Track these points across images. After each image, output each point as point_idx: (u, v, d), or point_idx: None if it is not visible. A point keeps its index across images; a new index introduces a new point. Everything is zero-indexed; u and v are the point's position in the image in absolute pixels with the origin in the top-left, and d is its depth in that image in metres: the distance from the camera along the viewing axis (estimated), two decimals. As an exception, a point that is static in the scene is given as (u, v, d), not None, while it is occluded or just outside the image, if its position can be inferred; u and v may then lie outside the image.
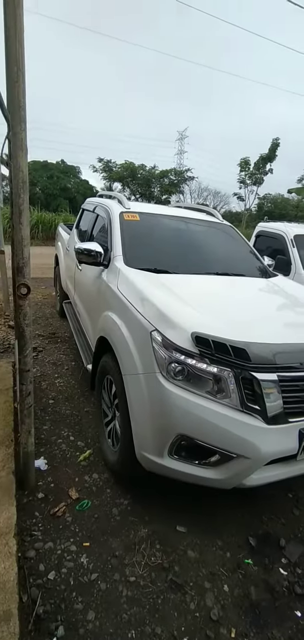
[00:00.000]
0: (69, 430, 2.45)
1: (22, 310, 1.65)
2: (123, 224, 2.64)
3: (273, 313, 2.16)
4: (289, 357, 1.60)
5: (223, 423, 1.50)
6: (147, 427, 1.66)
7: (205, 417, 1.51)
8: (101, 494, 1.93)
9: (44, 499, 1.85)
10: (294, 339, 1.73)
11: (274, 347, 1.59)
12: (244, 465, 1.54)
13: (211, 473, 1.60)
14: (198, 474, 1.62)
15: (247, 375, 1.52)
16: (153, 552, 1.64)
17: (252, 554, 1.71)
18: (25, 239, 1.57)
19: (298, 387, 1.61)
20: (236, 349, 1.51)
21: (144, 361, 1.69)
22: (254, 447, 1.50)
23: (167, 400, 1.55)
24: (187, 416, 1.53)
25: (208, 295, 2.17)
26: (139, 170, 19.20)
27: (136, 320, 1.81)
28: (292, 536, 1.84)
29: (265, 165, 19.70)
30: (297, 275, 4.00)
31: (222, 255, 2.94)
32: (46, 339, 4.03)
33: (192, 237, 2.98)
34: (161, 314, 1.72)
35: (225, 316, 1.86)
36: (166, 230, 2.92)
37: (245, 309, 2.11)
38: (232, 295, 2.32)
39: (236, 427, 1.50)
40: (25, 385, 1.75)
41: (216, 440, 1.53)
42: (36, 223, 13.94)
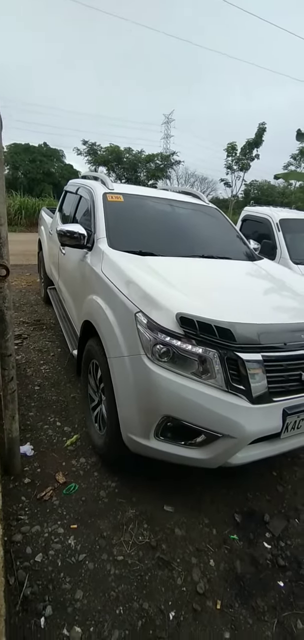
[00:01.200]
0: (56, 416, 2.42)
1: (1, 293, 1.58)
2: (107, 205, 2.58)
3: (257, 295, 2.17)
4: (273, 337, 1.62)
5: (209, 403, 1.51)
6: (133, 410, 1.65)
7: (191, 398, 1.51)
8: (88, 478, 1.93)
9: (30, 484, 1.83)
10: (278, 320, 1.77)
11: (259, 328, 1.60)
12: (229, 445, 1.55)
13: (197, 453, 1.61)
14: (184, 454, 1.63)
15: (232, 356, 1.52)
16: (141, 531, 1.66)
17: (237, 529, 1.76)
18: (2, 218, 1.50)
19: (281, 367, 1.63)
20: (221, 329, 1.51)
21: (129, 343, 1.67)
22: (239, 427, 1.51)
23: (153, 382, 1.54)
24: (173, 397, 1.52)
25: (193, 278, 2.15)
26: (125, 154, 18.76)
27: (120, 302, 1.78)
28: (276, 512, 1.90)
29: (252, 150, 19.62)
30: (282, 259, 4.04)
31: (208, 238, 2.91)
32: (31, 326, 3.93)
33: (178, 219, 2.95)
34: (145, 295, 1.69)
35: (210, 298, 1.85)
36: (150, 212, 2.87)
37: (230, 291, 2.11)
38: (217, 277, 2.30)
39: (222, 407, 1.51)
40: (8, 370, 1.70)
41: (202, 420, 1.53)
42: (19, 208, 13.47)
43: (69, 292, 2.98)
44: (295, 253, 4.03)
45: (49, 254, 4.09)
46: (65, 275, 3.13)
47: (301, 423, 1.68)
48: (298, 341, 1.66)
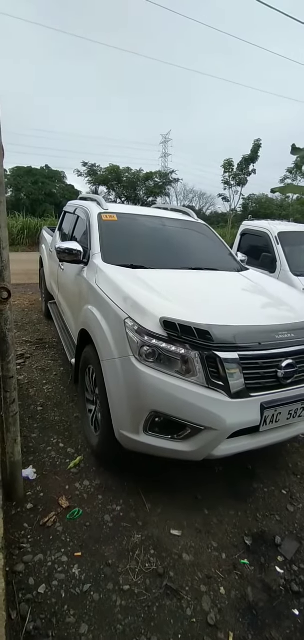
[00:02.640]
0: (59, 437, 2.38)
1: (3, 315, 1.59)
2: (101, 224, 2.77)
3: (238, 301, 2.33)
4: (249, 338, 1.76)
5: (191, 399, 1.63)
6: (124, 407, 1.77)
7: (175, 394, 1.64)
8: (92, 501, 1.87)
9: (33, 510, 1.78)
10: (253, 322, 1.91)
11: (235, 329, 1.75)
12: (211, 437, 1.67)
13: (183, 446, 1.72)
14: (171, 447, 1.74)
15: (211, 355, 1.65)
16: (147, 558, 1.60)
17: (248, 553, 1.69)
18: (3, 241, 1.52)
19: (257, 365, 1.75)
20: (200, 331, 1.64)
21: (119, 347, 1.81)
22: (220, 420, 1.64)
23: (141, 380, 1.67)
24: (159, 394, 1.65)
25: (180, 287, 2.27)
26: (124, 173, 19.23)
27: (111, 310, 1.93)
28: (287, 533, 1.83)
29: (248, 166, 20.04)
30: (282, 272, 4.05)
31: (196, 252, 3.09)
32: (34, 345, 3.93)
33: (168, 235, 3.13)
34: (133, 303, 1.84)
35: (193, 304, 1.98)
36: (142, 229, 3.05)
37: (213, 298, 2.25)
38: (202, 286, 2.43)
39: (203, 402, 1.63)
40: (10, 392, 1.68)
41: (186, 414, 1.66)
42: (22, 229, 13.71)
43: (68, 305, 3.13)
44: (295, 265, 4.04)
45: (50, 271, 4.25)
46: (64, 289, 3.28)
47: (279, 417, 1.81)
48: (272, 341, 1.80)
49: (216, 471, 2.22)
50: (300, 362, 1.87)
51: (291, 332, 1.88)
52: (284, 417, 1.84)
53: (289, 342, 1.84)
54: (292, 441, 2.59)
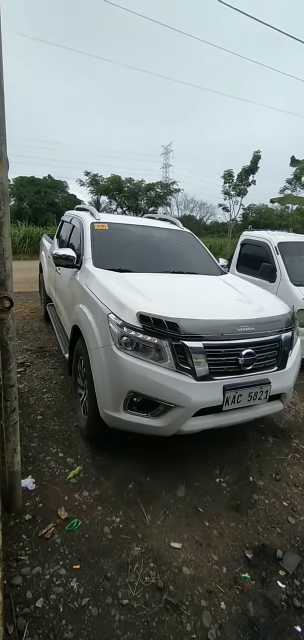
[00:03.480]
0: (58, 446, 2.37)
1: (5, 324, 1.60)
2: (93, 232, 3.05)
3: (209, 299, 2.61)
4: (212, 330, 2.05)
5: (163, 381, 1.92)
6: (107, 388, 2.04)
7: (149, 377, 1.92)
8: (91, 512, 1.86)
9: (31, 521, 1.76)
10: (218, 317, 2.17)
11: (200, 322, 2.05)
12: (180, 413, 1.95)
13: (157, 422, 1.99)
14: (147, 423, 2.01)
15: (179, 344, 1.94)
16: (147, 571, 1.57)
17: (249, 567, 1.67)
18: (7, 251, 1.54)
19: (220, 353, 2.05)
20: (170, 323, 1.95)
21: (103, 337, 2.08)
22: (187, 398, 1.92)
23: (120, 365, 1.95)
24: (136, 377, 1.93)
25: (160, 288, 2.54)
26: (126, 183, 19.48)
27: (98, 307, 2.22)
28: (288, 546, 1.80)
29: (248, 177, 20.31)
30: (282, 282, 4.07)
31: (179, 257, 3.38)
32: (34, 354, 3.93)
33: (154, 242, 3.41)
34: (116, 301, 2.13)
35: (168, 302, 2.25)
36: (130, 236, 3.33)
37: (187, 297, 2.52)
38: (181, 287, 2.72)
39: (173, 384, 1.92)
40: (10, 401, 1.68)
41: (158, 394, 1.94)
42: (24, 237, 13.83)
43: (63, 305, 3.41)
44: (295, 275, 4.06)
45: (48, 275, 4.51)
46: (60, 291, 3.57)
47: (240, 398, 2.07)
48: (233, 333, 2.10)
49: (217, 483, 2.20)
50: (259, 351, 2.16)
51: (251, 326, 2.18)
52: (245, 399, 2.11)
53: (250, 334, 2.15)
54: (282, 453, 2.57)
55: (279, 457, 2.53)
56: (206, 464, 2.36)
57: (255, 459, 2.49)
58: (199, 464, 2.36)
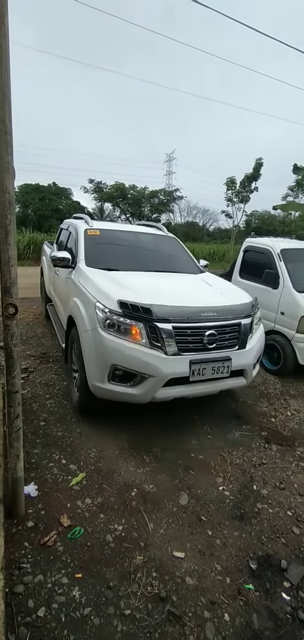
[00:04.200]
0: (61, 453, 2.36)
1: (9, 331, 1.62)
2: (87, 237, 3.50)
3: (182, 291, 3.03)
4: (179, 314, 2.48)
5: (139, 356, 2.34)
6: (94, 363, 2.46)
7: (128, 353, 2.35)
8: (93, 520, 1.85)
9: (33, 528, 1.75)
10: (184, 304, 2.59)
11: (170, 308, 2.47)
12: (153, 382, 2.36)
13: (134, 390, 2.41)
14: (126, 391, 2.42)
15: (152, 325, 2.37)
16: (149, 581, 1.56)
17: (253, 578, 1.64)
18: (12, 259, 1.56)
19: (187, 333, 2.47)
20: (144, 308, 2.38)
21: (91, 322, 2.51)
22: (158, 370, 2.34)
23: (105, 344, 2.38)
24: (117, 353, 2.36)
25: (141, 283, 2.90)
26: (130, 190, 19.65)
27: (87, 298, 2.65)
28: (293, 557, 1.78)
29: (250, 184, 20.40)
30: (285, 288, 4.07)
31: (162, 258, 3.81)
32: (38, 359, 3.95)
33: (140, 245, 3.88)
34: (102, 292, 2.57)
35: (145, 292, 2.61)
36: (119, 241, 3.78)
37: (163, 289, 2.90)
38: (160, 282, 3.13)
39: (147, 358, 2.34)
40: (14, 407, 1.69)
41: (135, 366, 2.35)
42: (28, 244, 13.97)
43: (60, 301, 3.83)
44: (298, 282, 4.06)
45: (48, 277, 4.94)
46: (58, 289, 3.99)
47: (204, 371, 2.48)
48: (198, 317, 2.53)
49: (220, 491, 2.18)
50: (221, 333, 2.59)
51: (214, 312, 2.62)
52: (209, 372, 2.52)
53: (212, 318, 2.58)
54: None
55: (283, 466, 2.51)
56: (210, 472, 2.35)
57: (259, 467, 2.47)
58: (203, 472, 2.34)
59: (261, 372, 4.19)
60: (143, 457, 2.42)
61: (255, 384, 3.86)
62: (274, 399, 3.58)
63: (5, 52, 1.31)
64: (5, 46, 1.30)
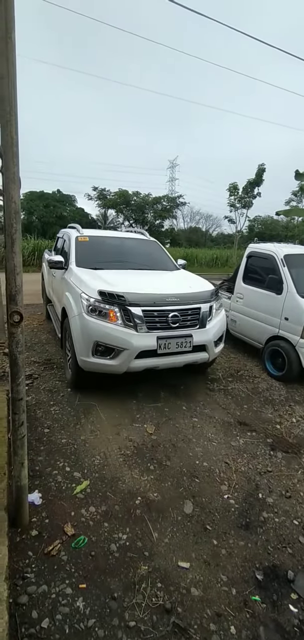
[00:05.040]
0: (65, 460, 2.36)
1: (14, 338, 1.63)
2: (77, 243, 4.11)
3: (153, 283, 3.64)
4: (147, 300, 3.07)
5: (116, 333, 2.94)
6: (81, 341, 3.04)
7: (107, 331, 2.94)
8: (98, 529, 1.83)
9: (37, 537, 1.74)
10: (152, 292, 3.21)
11: (140, 295, 3.07)
12: (127, 354, 2.94)
13: (113, 362, 2.98)
14: (107, 363, 2.99)
15: (126, 309, 2.97)
16: (154, 591, 1.54)
17: (259, 589, 1.61)
18: (17, 267, 1.58)
19: (154, 315, 3.06)
20: (118, 295, 2.98)
21: (78, 308, 3.12)
22: (131, 344, 2.93)
23: (88, 325, 2.98)
24: (98, 332, 2.95)
25: (120, 277, 3.44)
26: (133, 197, 19.80)
27: (75, 290, 3.26)
28: (300, 567, 1.74)
29: (253, 189, 20.47)
30: (289, 293, 4.05)
31: (142, 258, 4.40)
32: (42, 366, 3.96)
33: (123, 248, 4.51)
34: (86, 285, 3.18)
35: (122, 284, 3.19)
36: (105, 245, 4.48)
37: (138, 281, 3.49)
38: (138, 277, 3.71)
39: (122, 334, 2.94)
40: (18, 414, 1.70)
41: (113, 342, 2.94)
42: (33, 250, 14.14)
43: (56, 298, 4.40)
44: (301, 287, 4.03)
45: (47, 280, 5.50)
46: (55, 288, 4.52)
47: (169, 345, 3.06)
48: (163, 302, 3.12)
49: (225, 499, 2.15)
50: (183, 315, 3.17)
51: (177, 298, 3.21)
52: (174, 346, 3.09)
53: (175, 302, 3.17)
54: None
55: (289, 473, 2.48)
56: (215, 480, 2.32)
57: (264, 474, 2.44)
58: (208, 480, 2.32)
59: (265, 378, 4.16)
60: (148, 464, 2.41)
61: (260, 390, 3.84)
62: (279, 405, 3.54)
63: (12, 66, 1.34)
64: (12, 60, 1.33)
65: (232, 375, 4.21)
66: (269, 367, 4.30)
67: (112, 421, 2.91)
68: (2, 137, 1.45)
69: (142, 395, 3.41)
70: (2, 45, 1.30)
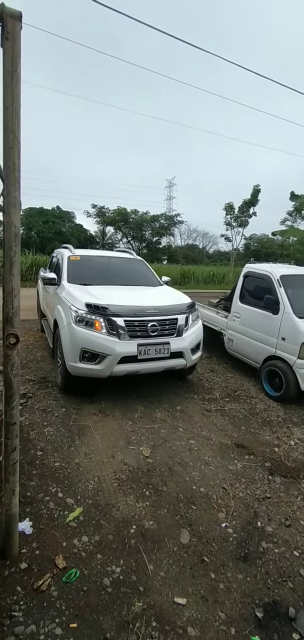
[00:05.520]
0: (58, 485, 2.28)
1: (10, 360, 1.60)
2: (69, 262, 4.46)
3: (136, 296, 3.97)
4: (129, 311, 3.42)
5: (100, 340, 3.26)
6: (69, 348, 3.36)
7: (93, 339, 3.27)
8: (90, 561, 1.76)
9: (27, 570, 1.66)
10: (132, 304, 3.55)
11: (121, 307, 3.43)
12: (110, 359, 3.26)
13: (98, 367, 3.29)
14: (92, 368, 3.30)
15: (109, 319, 3.31)
16: (149, 631, 1.46)
17: (259, 628, 1.54)
18: (15, 289, 1.57)
19: (135, 324, 3.40)
20: (103, 307, 3.35)
21: (67, 319, 3.45)
22: (114, 350, 3.25)
23: (76, 333, 3.30)
24: (85, 340, 3.28)
25: (106, 292, 3.79)
26: (131, 215, 20.13)
27: (65, 304, 3.61)
28: (302, 604, 1.67)
29: (248, 209, 20.97)
30: (285, 314, 4.07)
31: (128, 275, 4.75)
32: (36, 384, 3.90)
33: (111, 266, 4.89)
34: (75, 298, 3.52)
35: (107, 297, 3.54)
36: (95, 263, 4.86)
37: (122, 295, 3.78)
38: (121, 292, 4.01)
39: (106, 342, 3.26)
40: (11, 439, 1.65)
41: (98, 348, 3.26)
42: (31, 265, 14.19)
43: (49, 311, 4.71)
44: (298, 307, 4.07)
45: (42, 296, 5.79)
46: (48, 302, 4.84)
47: (149, 351, 3.40)
48: (143, 313, 3.48)
49: (223, 528, 2.09)
50: (161, 325, 3.53)
51: (156, 310, 3.60)
52: (153, 352, 3.43)
53: (154, 314, 3.54)
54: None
55: (288, 500, 2.42)
56: (212, 507, 2.26)
57: (263, 501, 2.38)
58: (205, 506, 2.25)
59: (263, 398, 4.13)
60: (143, 490, 2.34)
61: (257, 410, 3.80)
62: (277, 427, 3.50)
63: (17, 98, 1.37)
64: (17, 92, 1.36)
65: (229, 395, 4.18)
66: (266, 388, 4.28)
67: (107, 443, 2.84)
68: (4, 163, 1.48)
69: (137, 416, 3.35)
70: (8, 78, 1.33)
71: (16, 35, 1.40)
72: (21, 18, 1.39)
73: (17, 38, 1.40)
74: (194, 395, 4.03)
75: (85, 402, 3.53)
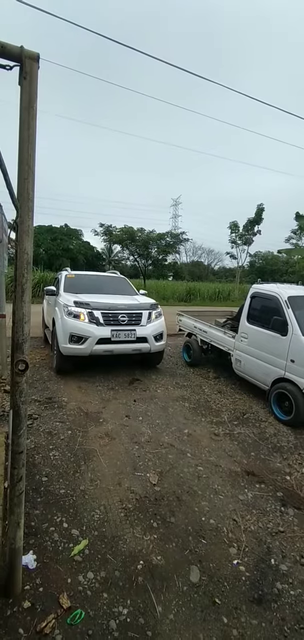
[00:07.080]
0: (63, 514, 2.22)
1: (18, 387, 1.58)
2: (66, 279, 5.90)
3: (113, 299, 5.28)
4: (105, 306, 4.93)
5: (84, 326, 4.73)
6: (61, 334, 4.75)
7: (78, 326, 4.72)
8: (96, 601, 1.67)
9: (30, 610, 1.59)
10: (109, 302, 5.07)
11: (100, 303, 4.96)
12: (91, 341, 4.68)
13: (82, 346, 4.67)
14: (78, 347, 4.67)
15: (90, 312, 4.83)
16: None
17: None
18: (26, 316, 1.57)
19: (110, 315, 4.89)
20: (86, 303, 4.91)
21: (61, 314, 4.89)
22: (93, 333, 4.70)
23: (67, 323, 4.75)
24: (73, 327, 4.71)
25: (94, 297, 5.18)
26: (138, 233, 20.41)
27: (60, 305, 5.00)
28: (322, 655, 1.56)
29: (253, 227, 21.16)
30: (294, 335, 4.01)
31: (112, 288, 6.14)
32: (42, 405, 3.87)
33: (99, 281, 6.47)
34: (68, 300, 4.98)
35: (90, 298, 5.04)
36: (86, 279, 6.37)
37: (104, 298, 5.19)
38: (103, 297, 5.27)
39: (88, 327, 4.73)
40: (17, 469, 1.61)
41: (82, 332, 4.69)
42: (38, 282, 14.40)
43: (49, 315, 5.95)
44: (307, 329, 4.00)
45: (46, 310, 6.92)
46: (49, 310, 6.08)
47: (119, 335, 4.81)
48: (115, 308, 4.97)
49: (235, 566, 1.98)
50: (129, 317, 4.98)
51: (126, 306, 5.06)
52: (123, 336, 4.82)
53: (124, 309, 5.00)
54: None
55: (303, 534, 2.30)
56: (222, 541, 2.16)
57: (276, 535, 2.27)
58: (215, 540, 2.15)
59: (272, 422, 4.02)
60: (150, 521, 2.25)
61: (267, 435, 3.68)
62: (288, 453, 3.38)
63: (32, 131, 1.42)
64: (33, 126, 1.41)
65: (238, 418, 4.08)
66: (276, 411, 4.17)
67: (113, 469, 2.77)
68: (19, 193, 1.51)
69: (144, 440, 3.28)
70: (25, 114, 1.38)
71: (34, 75, 1.45)
72: (39, 59, 1.46)
73: (35, 77, 1.45)
74: (202, 418, 3.95)
75: (91, 424, 3.47)
